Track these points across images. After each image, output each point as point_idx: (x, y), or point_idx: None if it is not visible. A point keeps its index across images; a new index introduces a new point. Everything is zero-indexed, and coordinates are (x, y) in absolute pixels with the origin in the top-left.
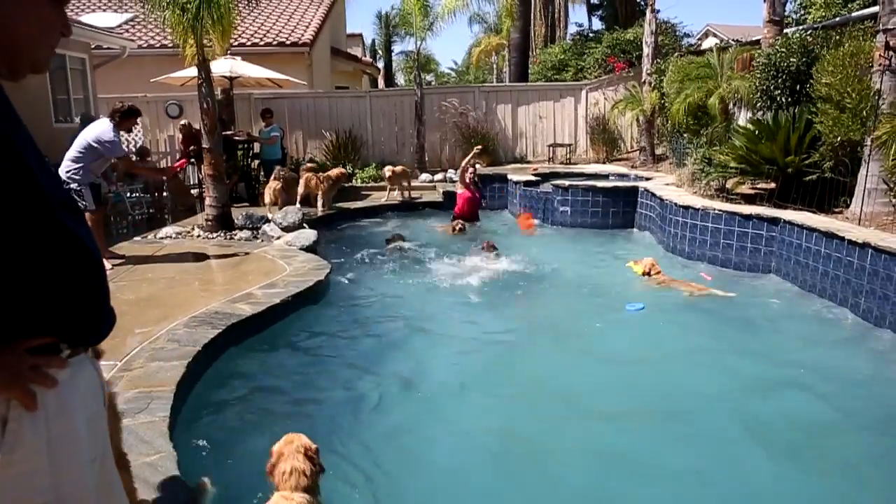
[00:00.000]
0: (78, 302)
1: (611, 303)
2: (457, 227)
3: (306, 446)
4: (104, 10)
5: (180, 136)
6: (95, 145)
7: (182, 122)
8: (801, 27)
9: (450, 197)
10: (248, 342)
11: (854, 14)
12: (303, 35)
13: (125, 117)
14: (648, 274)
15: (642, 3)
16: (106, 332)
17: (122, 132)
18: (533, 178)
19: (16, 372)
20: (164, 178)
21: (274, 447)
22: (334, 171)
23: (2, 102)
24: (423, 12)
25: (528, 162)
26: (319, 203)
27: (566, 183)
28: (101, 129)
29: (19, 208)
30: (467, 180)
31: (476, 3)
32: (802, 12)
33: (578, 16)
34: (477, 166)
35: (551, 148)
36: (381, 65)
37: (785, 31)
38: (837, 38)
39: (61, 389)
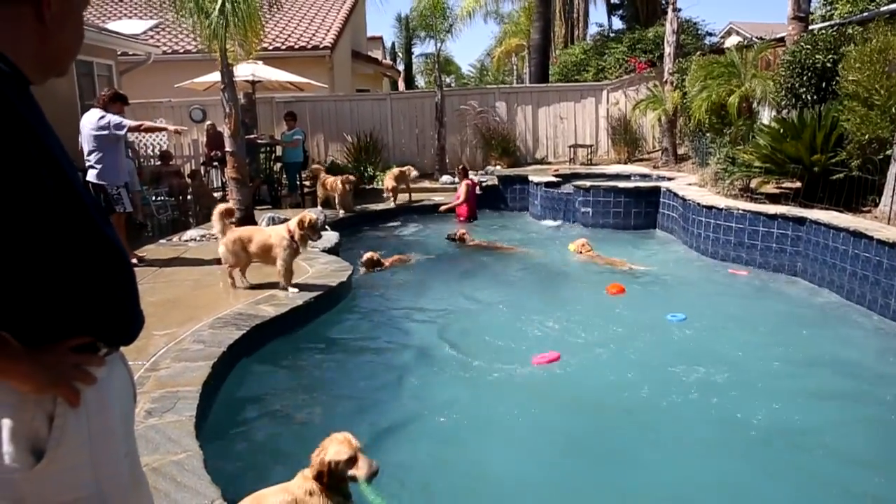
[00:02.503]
0: (113, 302)
1: (651, 309)
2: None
3: (348, 440)
4: (130, 18)
5: (205, 138)
6: (100, 133)
7: (207, 122)
8: (827, 23)
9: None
10: (272, 343)
11: (882, 8)
12: (324, 39)
13: (112, 101)
14: (580, 252)
15: (664, 1)
16: (137, 332)
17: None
18: (554, 179)
19: (61, 370)
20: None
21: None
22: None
23: (37, 113)
24: (442, 14)
25: (549, 163)
26: (338, 205)
27: (587, 184)
28: (93, 117)
29: (62, 214)
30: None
31: (494, 3)
32: (828, 8)
33: (598, 16)
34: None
35: (572, 149)
36: (401, 67)
37: (810, 27)
38: (865, 33)
39: (100, 387)
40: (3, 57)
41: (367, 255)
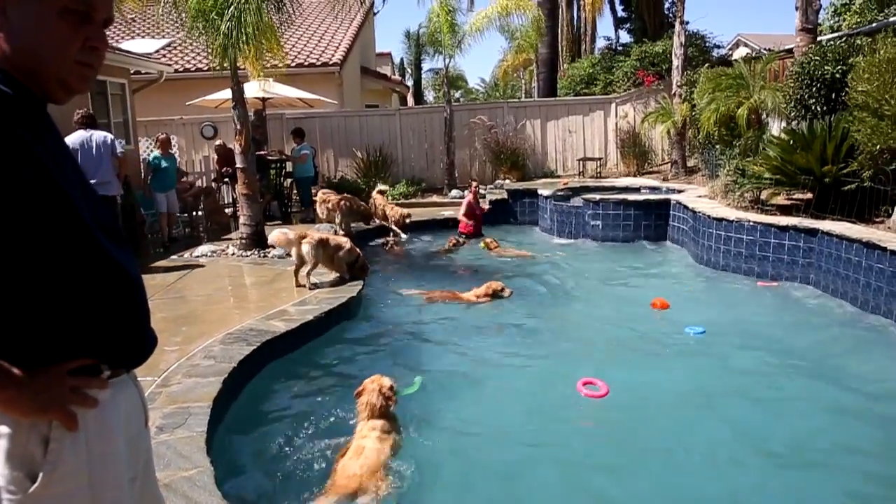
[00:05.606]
0: (117, 324)
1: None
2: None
3: (381, 386)
4: (143, 37)
5: (216, 156)
6: (112, 156)
7: (217, 141)
8: (835, 34)
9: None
10: (282, 358)
11: (892, 19)
12: (333, 55)
13: (95, 122)
14: (489, 248)
15: (671, 14)
16: (147, 354)
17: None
18: (563, 192)
19: (56, 393)
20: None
21: (365, 380)
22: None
23: (43, 132)
24: (451, 30)
25: (558, 176)
26: (337, 225)
27: (597, 197)
28: (109, 138)
29: (58, 234)
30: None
31: (503, 19)
32: (837, 19)
33: (606, 29)
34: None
35: (581, 162)
36: (410, 83)
37: (819, 38)
38: (873, 44)
39: (102, 410)
40: (8, 78)
41: (492, 283)
